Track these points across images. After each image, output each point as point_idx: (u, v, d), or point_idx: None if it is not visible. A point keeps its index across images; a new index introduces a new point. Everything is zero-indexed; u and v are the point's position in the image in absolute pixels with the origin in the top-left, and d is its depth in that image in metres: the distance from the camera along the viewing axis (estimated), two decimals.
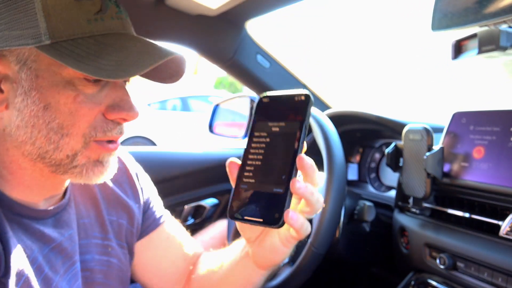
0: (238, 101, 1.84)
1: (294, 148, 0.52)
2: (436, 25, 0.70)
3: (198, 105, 8.17)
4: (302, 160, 0.53)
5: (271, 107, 0.56)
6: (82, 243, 0.76)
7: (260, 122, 0.56)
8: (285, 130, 0.53)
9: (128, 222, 0.86)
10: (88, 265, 0.76)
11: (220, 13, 1.33)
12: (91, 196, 0.81)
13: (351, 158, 1.51)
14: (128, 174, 0.90)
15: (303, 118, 0.52)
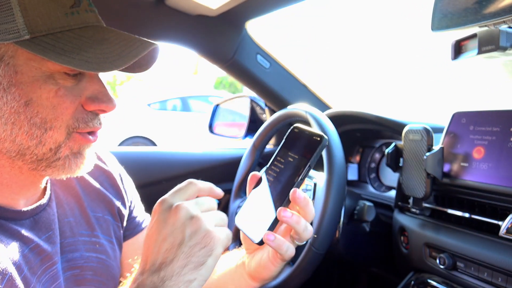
0: (238, 101, 1.84)
1: (294, 181, 0.59)
2: (436, 26, 0.70)
3: (198, 105, 8.17)
4: (295, 193, 0.59)
5: (295, 138, 0.63)
6: (69, 241, 0.76)
7: (284, 149, 0.63)
8: (295, 163, 0.60)
9: (113, 217, 0.86)
10: (77, 262, 0.75)
11: (220, 13, 1.33)
12: (74, 195, 0.81)
13: (351, 158, 1.51)
14: (107, 173, 0.89)
15: (310, 156, 0.59)
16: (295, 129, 0.64)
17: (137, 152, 1.63)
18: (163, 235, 0.58)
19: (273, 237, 0.60)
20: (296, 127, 0.64)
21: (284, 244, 0.61)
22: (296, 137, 0.63)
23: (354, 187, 1.43)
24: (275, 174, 0.62)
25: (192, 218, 0.58)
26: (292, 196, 0.59)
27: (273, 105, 1.68)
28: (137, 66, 0.73)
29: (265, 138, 1.33)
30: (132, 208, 0.92)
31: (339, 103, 1.68)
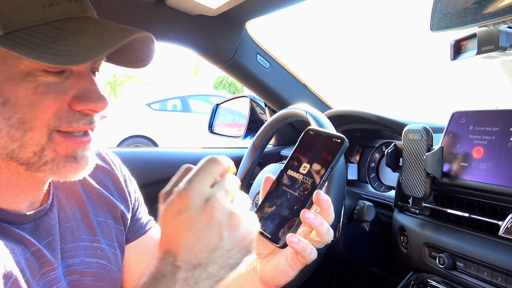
0: (238, 101, 1.84)
1: (316, 183, 0.57)
2: (435, 26, 0.70)
3: (198, 105, 8.17)
4: (319, 195, 0.57)
5: (312, 140, 0.62)
6: (69, 246, 0.74)
7: (300, 151, 0.62)
8: (315, 166, 0.59)
9: (116, 221, 0.84)
10: (76, 268, 0.74)
11: (220, 13, 1.33)
12: (77, 198, 0.79)
13: (351, 158, 1.51)
14: (112, 175, 0.87)
15: (332, 159, 0.58)
16: (310, 131, 0.63)
17: (137, 152, 1.63)
18: (196, 235, 0.52)
19: (296, 239, 0.57)
20: (311, 130, 0.64)
21: (308, 247, 0.59)
22: (312, 140, 0.62)
23: (354, 187, 1.44)
24: (294, 176, 0.61)
25: (228, 216, 0.53)
26: (316, 198, 0.57)
27: (273, 105, 1.68)
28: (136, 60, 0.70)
29: (265, 138, 1.33)
30: (136, 210, 0.91)
31: (339, 103, 1.68)
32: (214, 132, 1.87)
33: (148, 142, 7.53)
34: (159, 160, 1.59)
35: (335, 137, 0.59)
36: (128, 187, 0.90)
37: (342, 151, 0.57)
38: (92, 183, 0.82)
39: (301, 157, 0.61)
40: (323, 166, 0.58)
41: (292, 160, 0.63)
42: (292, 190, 0.60)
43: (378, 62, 12.92)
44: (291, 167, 0.62)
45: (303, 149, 0.62)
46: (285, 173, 0.62)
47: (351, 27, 19.30)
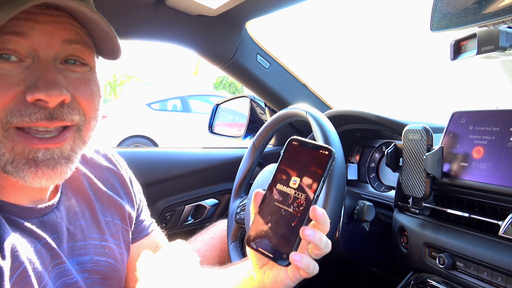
0: (238, 101, 1.85)
1: (310, 198, 0.56)
2: (435, 26, 0.70)
3: (198, 105, 8.17)
4: (316, 211, 0.56)
5: (297, 152, 0.60)
6: (79, 244, 0.74)
7: (287, 163, 0.60)
8: (306, 180, 0.57)
9: (122, 221, 0.85)
10: (86, 266, 0.74)
11: (220, 14, 1.33)
12: (85, 198, 0.78)
13: (351, 158, 1.51)
14: (119, 175, 0.87)
15: (323, 172, 0.56)
16: (293, 141, 0.61)
17: (137, 152, 1.63)
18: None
19: (300, 257, 0.56)
20: (295, 140, 0.61)
21: (311, 263, 0.58)
22: (297, 151, 0.60)
23: (354, 187, 1.44)
24: (285, 191, 0.59)
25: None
26: (313, 214, 0.56)
27: (273, 105, 1.68)
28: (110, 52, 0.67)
29: (265, 138, 1.33)
30: (140, 212, 0.92)
31: (339, 103, 1.68)
32: (214, 132, 1.87)
33: (148, 142, 7.53)
34: (159, 160, 1.59)
35: (323, 149, 0.57)
36: (134, 188, 0.91)
37: (331, 163, 0.56)
38: (100, 183, 0.82)
39: (289, 170, 0.59)
40: (314, 180, 0.56)
41: (279, 173, 0.60)
42: (286, 206, 0.58)
43: (378, 62, 12.92)
44: (280, 181, 0.59)
45: (289, 161, 0.60)
46: (274, 187, 0.60)
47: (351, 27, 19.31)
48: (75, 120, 0.61)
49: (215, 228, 1.47)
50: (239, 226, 1.28)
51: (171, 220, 1.61)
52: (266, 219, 0.59)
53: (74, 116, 0.61)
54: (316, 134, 1.04)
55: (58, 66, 0.60)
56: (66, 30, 0.60)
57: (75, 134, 0.63)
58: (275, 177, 0.60)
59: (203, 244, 1.38)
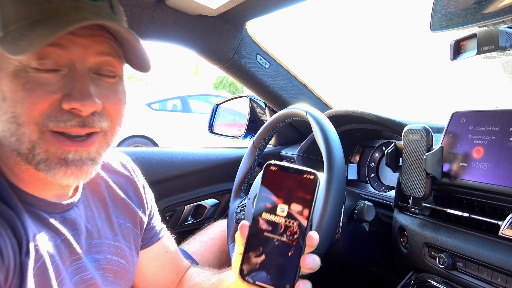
0: (238, 101, 1.85)
1: (304, 226, 0.54)
2: (435, 26, 0.70)
3: (198, 105, 8.17)
4: (314, 240, 0.54)
5: (279, 177, 0.57)
6: (96, 242, 0.78)
7: (269, 190, 0.57)
8: (295, 207, 0.55)
9: (134, 225, 0.89)
10: (101, 264, 0.78)
11: (220, 13, 1.33)
12: (101, 200, 0.83)
13: (351, 158, 1.51)
14: (132, 181, 0.91)
15: (312, 197, 0.54)
16: (271, 166, 0.57)
17: (137, 152, 1.63)
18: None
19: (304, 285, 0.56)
20: (273, 165, 0.57)
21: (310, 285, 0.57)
22: (278, 177, 0.56)
23: (354, 187, 1.44)
24: (273, 220, 0.56)
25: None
26: (311, 242, 0.55)
27: (273, 105, 1.68)
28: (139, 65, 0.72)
29: (265, 138, 1.33)
30: (151, 218, 0.96)
31: (339, 103, 1.68)
32: (214, 132, 1.87)
33: (148, 142, 7.53)
34: (159, 160, 1.59)
35: (307, 173, 0.55)
36: (146, 194, 0.95)
37: (318, 188, 0.54)
38: (115, 187, 0.87)
39: (273, 197, 0.56)
40: (304, 206, 0.54)
41: (262, 202, 0.56)
42: (278, 235, 0.55)
43: (378, 62, 12.92)
44: (265, 210, 0.56)
45: (271, 188, 0.56)
46: (259, 217, 0.56)
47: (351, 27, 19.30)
48: (103, 127, 0.67)
49: (213, 229, 1.47)
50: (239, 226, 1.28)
51: (171, 220, 1.61)
52: (258, 251, 0.56)
53: (103, 124, 0.66)
54: (316, 134, 1.04)
55: (91, 75, 0.65)
56: (101, 43, 0.65)
57: (101, 139, 0.68)
58: (258, 206, 0.56)
59: (201, 245, 1.38)
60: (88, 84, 0.63)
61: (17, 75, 0.60)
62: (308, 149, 1.48)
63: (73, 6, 0.62)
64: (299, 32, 21.30)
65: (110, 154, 0.90)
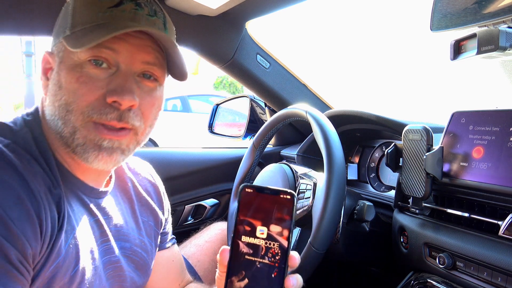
0: (238, 101, 1.85)
1: (285, 247, 0.54)
2: (435, 26, 0.70)
3: (198, 105, 8.16)
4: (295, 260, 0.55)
5: (255, 198, 0.56)
6: (124, 231, 0.87)
7: (246, 213, 0.56)
8: (274, 228, 0.54)
9: (155, 224, 0.97)
10: (127, 252, 0.86)
11: (220, 13, 1.33)
12: (128, 197, 0.93)
13: (351, 158, 1.51)
14: (155, 186, 1.01)
15: (290, 217, 0.54)
16: (246, 188, 0.56)
17: (137, 152, 1.63)
18: None
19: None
20: (248, 187, 0.57)
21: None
22: (254, 198, 0.56)
23: (354, 187, 1.44)
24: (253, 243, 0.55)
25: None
26: (293, 263, 0.55)
27: (273, 105, 1.68)
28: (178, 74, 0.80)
29: (265, 138, 1.33)
30: (166, 223, 1.03)
31: (339, 103, 1.68)
32: (214, 132, 1.87)
33: (148, 142, 7.46)
34: (159, 160, 1.59)
35: (283, 193, 0.55)
36: (165, 200, 1.03)
37: (296, 207, 0.55)
38: (140, 188, 0.96)
39: (251, 220, 0.55)
40: (284, 227, 0.54)
41: (241, 225, 0.55)
42: (259, 258, 0.55)
43: (378, 62, 12.92)
44: (244, 233, 0.55)
45: (248, 210, 0.56)
46: (239, 240, 0.55)
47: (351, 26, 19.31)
48: (135, 125, 0.75)
49: (209, 232, 1.47)
50: None
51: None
52: (241, 274, 0.55)
53: (136, 122, 0.75)
54: (316, 134, 1.05)
55: (135, 78, 0.74)
56: (148, 53, 0.75)
57: (132, 135, 0.76)
58: (237, 229, 0.56)
59: (197, 249, 1.37)
60: (130, 83, 0.72)
61: (74, 69, 0.70)
62: (308, 149, 1.48)
63: (131, 17, 0.72)
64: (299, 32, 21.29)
65: (137, 162, 1.02)
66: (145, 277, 0.92)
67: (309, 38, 18.92)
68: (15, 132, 0.72)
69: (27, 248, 0.62)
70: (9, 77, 16.20)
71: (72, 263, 0.71)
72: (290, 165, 1.19)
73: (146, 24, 0.74)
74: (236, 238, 0.56)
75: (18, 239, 0.61)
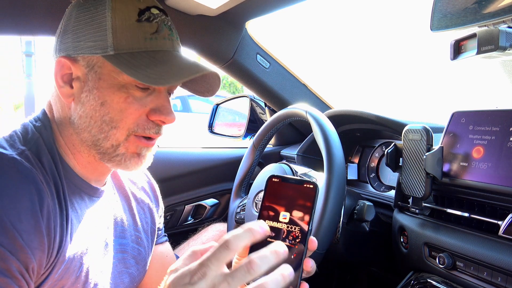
0: (238, 101, 1.85)
1: (306, 230, 0.57)
2: (435, 26, 0.70)
3: (198, 105, 8.16)
4: (315, 243, 0.58)
5: (280, 188, 0.61)
6: (120, 228, 0.91)
7: (271, 200, 0.60)
8: (296, 213, 0.58)
9: (151, 221, 1.01)
10: (125, 248, 0.90)
11: (220, 13, 1.33)
12: (125, 194, 0.97)
13: (351, 158, 1.51)
14: (150, 184, 1.07)
15: (312, 205, 0.58)
16: (273, 178, 0.61)
17: None
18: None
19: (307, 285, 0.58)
20: (275, 177, 0.61)
21: None
22: (280, 187, 0.60)
23: (354, 187, 1.44)
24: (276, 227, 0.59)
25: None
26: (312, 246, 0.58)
27: (273, 105, 1.68)
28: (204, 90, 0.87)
29: (265, 138, 1.33)
30: (160, 219, 1.07)
31: (339, 103, 1.68)
32: (214, 132, 1.87)
33: None
34: (159, 160, 1.58)
35: (307, 183, 0.59)
36: (159, 197, 1.08)
37: (317, 195, 0.58)
38: (136, 186, 1.01)
39: (275, 206, 0.59)
40: (305, 213, 0.58)
41: (265, 210, 0.60)
42: (280, 240, 0.58)
43: (378, 62, 12.91)
44: (268, 218, 0.59)
45: (274, 198, 0.60)
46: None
47: (351, 26, 19.31)
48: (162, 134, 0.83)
49: (207, 233, 1.47)
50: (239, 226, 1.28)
51: (171, 220, 1.61)
52: None
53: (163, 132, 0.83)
54: (316, 134, 1.05)
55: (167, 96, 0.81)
56: None
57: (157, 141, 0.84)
58: (261, 214, 0.60)
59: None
60: (169, 103, 0.80)
61: (120, 89, 0.75)
62: (308, 149, 1.48)
63: (171, 45, 0.78)
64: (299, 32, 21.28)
65: None
66: (143, 272, 0.96)
67: (309, 38, 18.92)
68: (28, 140, 0.75)
69: (31, 261, 0.64)
70: (9, 77, 16.20)
71: (77, 263, 0.74)
72: (290, 165, 1.19)
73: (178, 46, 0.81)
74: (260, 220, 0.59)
75: (22, 252, 0.63)
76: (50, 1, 1.08)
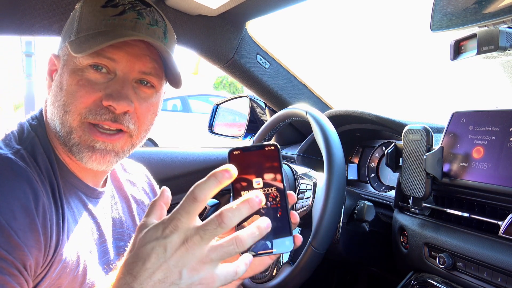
0: (238, 101, 1.85)
1: (282, 188, 0.59)
2: (435, 26, 0.70)
3: (198, 105, 8.16)
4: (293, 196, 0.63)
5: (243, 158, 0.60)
6: (118, 231, 0.89)
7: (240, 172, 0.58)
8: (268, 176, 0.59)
9: None
10: (123, 250, 0.87)
11: (220, 14, 1.33)
12: (125, 196, 0.96)
13: (351, 158, 1.51)
14: (151, 185, 1.07)
15: (279, 163, 0.59)
16: (234, 151, 0.60)
17: (137, 152, 1.63)
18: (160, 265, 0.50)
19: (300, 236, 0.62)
20: (235, 149, 0.60)
21: None
22: (243, 158, 0.60)
23: (354, 187, 1.44)
24: None
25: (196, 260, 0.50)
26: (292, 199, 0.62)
27: (273, 105, 1.68)
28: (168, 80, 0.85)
29: (265, 138, 1.33)
30: None
31: (339, 103, 1.68)
32: (214, 132, 1.87)
33: (148, 142, 7.51)
34: (159, 160, 1.59)
35: (267, 146, 0.60)
36: None
37: (280, 154, 0.60)
38: (136, 188, 1.01)
39: (245, 176, 0.59)
40: (276, 173, 0.59)
41: (237, 183, 0.59)
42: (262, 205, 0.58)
43: (378, 62, 12.92)
44: (241, 189, 0.59)
45: (241, 168, 0.58)
46: (239, 196, 0.58)
47: (351, 26, 19.32)
48: (130, 128, 0.78)
49: None
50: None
51: None
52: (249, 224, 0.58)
53: (130, 125, 0.78)
54: (316, 134, 1.04)
55: (133, 84, 0.78)
56: (145, 62, 0.78)
57: (127, 138, 0.79)
58: (234, 188, 0.59)
59: None
60: (127, 89, 0.75)
61: (75, 72, 0.74)
62: (308, 149, 1.48)
63: (132, 26, 0.75)
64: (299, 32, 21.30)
65: (132, 163, 1.07)
66: None
67: (309, 38, 18.92)
68: (23, 139, 0.75)
69: (27, 258, 0.64)
70: (9, 77, 16.19)
71: (74, 263, 0.74)
72: (290, 165, 1.18)
73: (146, 33, 0.76)
74: (236, 196, 0.59)
75: (19, 249, 0.62)
76: (50, 1, 1.08)
